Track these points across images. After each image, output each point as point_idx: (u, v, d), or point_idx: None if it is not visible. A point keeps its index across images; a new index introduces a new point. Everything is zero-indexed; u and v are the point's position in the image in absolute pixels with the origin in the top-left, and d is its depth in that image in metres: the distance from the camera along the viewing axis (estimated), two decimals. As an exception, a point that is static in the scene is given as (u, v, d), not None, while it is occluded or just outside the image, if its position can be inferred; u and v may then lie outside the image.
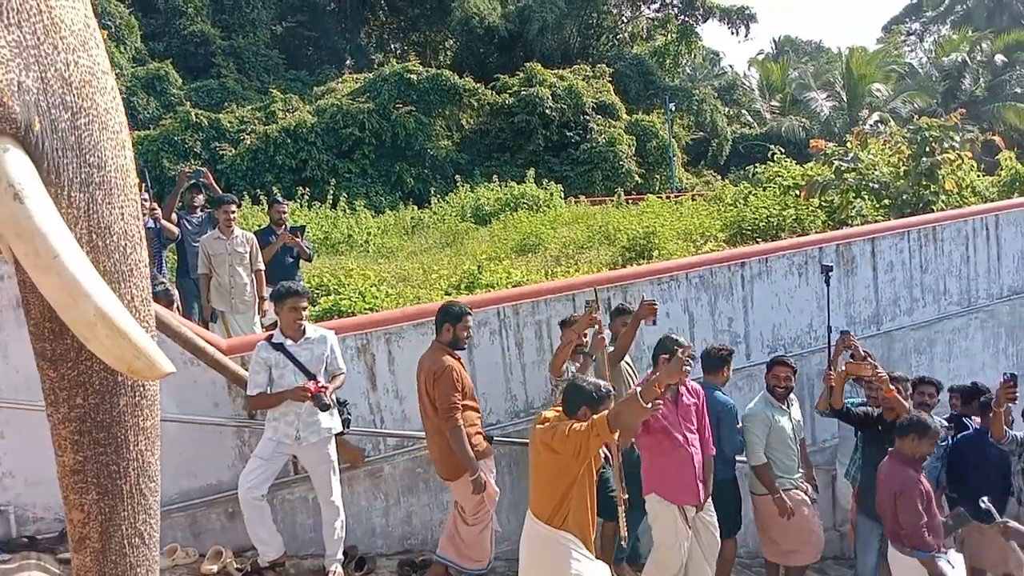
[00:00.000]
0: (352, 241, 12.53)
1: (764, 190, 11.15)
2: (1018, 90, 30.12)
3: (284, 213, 7.65)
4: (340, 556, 4.96)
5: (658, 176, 24.95)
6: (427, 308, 6.05)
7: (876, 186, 9.72)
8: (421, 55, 29.74)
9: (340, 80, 25.60)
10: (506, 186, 17.00)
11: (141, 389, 2.14)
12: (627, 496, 4.72)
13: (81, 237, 1.94)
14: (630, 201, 16.80)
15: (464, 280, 7.93)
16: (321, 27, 30.20)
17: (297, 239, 7.26)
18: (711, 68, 39.82)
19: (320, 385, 4.65)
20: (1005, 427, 5.40)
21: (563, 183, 19.18)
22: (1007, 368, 8.82)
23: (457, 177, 19.49)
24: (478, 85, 24.13)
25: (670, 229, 10.25)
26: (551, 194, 16.46)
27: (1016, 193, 10.46)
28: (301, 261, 7.61)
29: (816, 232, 8.89)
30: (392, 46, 32.97)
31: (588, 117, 23.91)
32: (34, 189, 1.77)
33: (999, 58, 30.98)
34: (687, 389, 5.06)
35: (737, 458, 5.72)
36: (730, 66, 40.94)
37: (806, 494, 5.78)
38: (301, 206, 14.94)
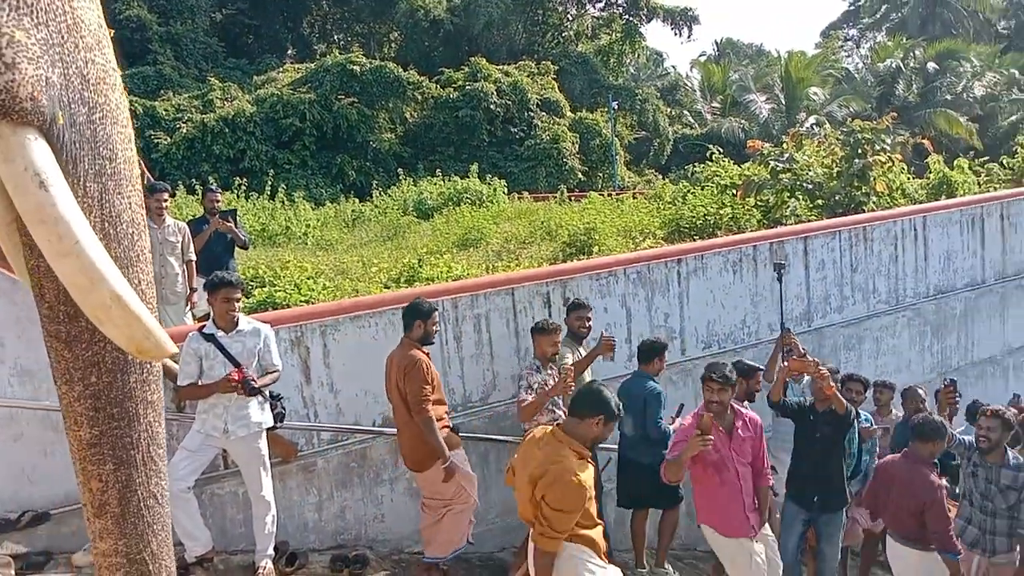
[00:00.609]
0: (290, 233, 12.33)
1: (702, 189, 11.33)
2: (948, 97, 31.19)
3: (217, 202, 7.45)
4: (271, 551, 4.88)
5: (601, 174, 25.15)
6: (364, 301, 5.98)
7: (810, 186, 9.96)
8: (365, 47, 29.44)
9: (281, 70, 25.18)
10: (449, 180, 16.93)
11: (148, 366, 2.29)
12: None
13: (95, 225, 2.06)
14: (573, 198, 16.89)
15: (404, 274, 7.87)
16: (262, 15, 29.63)
17: (230, 223, 7.07)
18: (654, 68, 40.31)
19: (243, 372, 4.54)
20: (953, 432, 5.60)
21: (507, 179, 19.18)
22: (933, 365, 9.15)
23: (400, 170, 19.35)
24: (422, 78, 23.98)
25: (610, 226, 10.33)
26: (494, 189, 16.44)
27: (943, 195, 10.82)
28: (237, 251, 7.44)
29: (751, 231, 9.06)
30: (335, 37, 32.55)
31: (532, 113, 23.97)
32: (57, 178, 1.89)
33: (931, 65, 32.03)
34: (744, 422, 4.93)
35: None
36: (673, 67, 41.54)
37: None
38: (238, 197, 14.64)
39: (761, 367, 6.39)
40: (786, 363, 5.84)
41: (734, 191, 10.34)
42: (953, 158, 11.86)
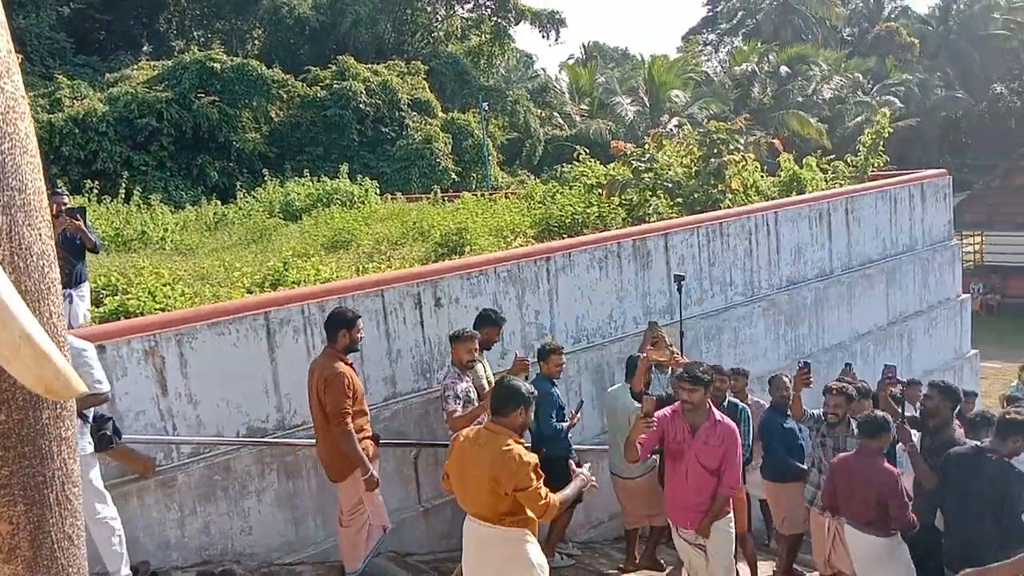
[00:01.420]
0: (146, 238, 11.69)
1: (570, 189, 11.55)
2: (800, 99, 33.13)
3: (64, 205, 6.92)
4: (127, 571, 4.62)
5: (475, 174, 25.24)
6: (224, 307, 5.76)
7: (670, 185, 10.34)
8: (227, 44, 28.36)
9: (136, 67, 23.92)
10: (318, 181, 16.53)
11: (62, 402, 2.15)
12: None
13: (3, 258, 1.98)
14: (447, 198, 16.86)
15: (268, 278, 7.62)
16: (115, 10, 28.04)
17: (78, 222, 6.58)
18: (525, 70, 40.83)
19: None
20: (804, 407, 6.30)
21: (379, 179, 18.91)
22: (787, 353, 9.67)
23: (265, 171, 18.73)
24: (288, 77, 23.34)
25: (482, 226, 10.37)
26: (366, 190, 16.17)
27: (794, 192, 11.45)
28: (87, 256, 6.97)
29: (616, 228, 9.32)
30: (194, 33, 31.24)
31: (404, 113, 23.77)
32: None
33: (784, 69, 33.93)
34: (716, 429, 5.07)
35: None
36: (543, 69, 42.31)
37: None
38: (90, 201, 13.78)
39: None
40: (644, 354, 6.16)
41: (600, 190, 10.60)
42: (805, 157, 12.57)
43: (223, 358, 5.52)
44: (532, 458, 4.02)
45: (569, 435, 6.34)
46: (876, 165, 12.62)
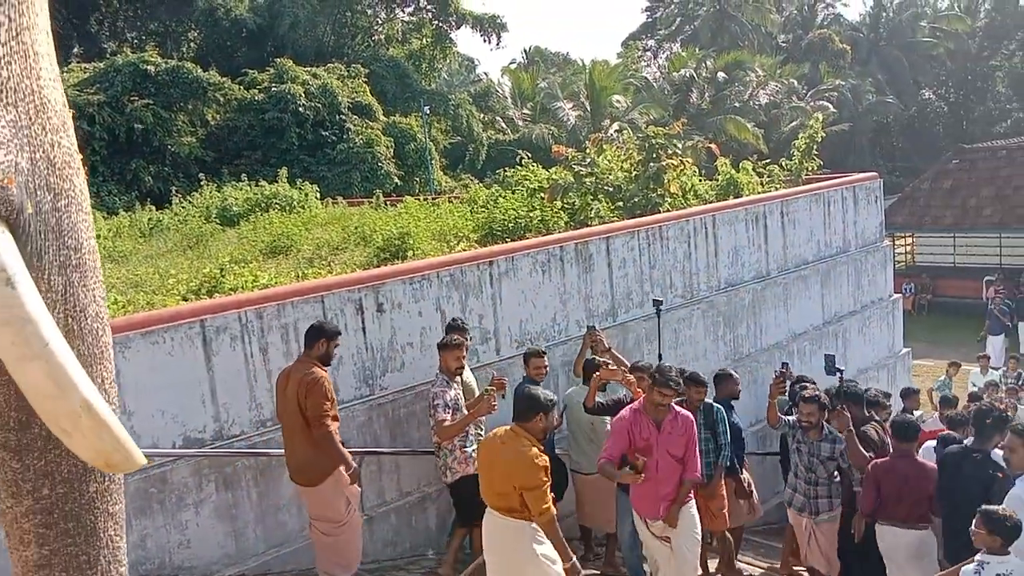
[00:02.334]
0: (79, 245, 11.34)
1: (513, 193, 11.56)
2: (737, 104, 33.70)
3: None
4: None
5: (418, 179, 25.09)
6: (158, 315, 5.62)
7: (611, 189, 10.43)
8: (161, 46, 27.70)
9: (66, 70, 23.17)
10: (257, 186, 16.24)
11: (111, 474, 2.00)
12: None
13: (59, 321, 1.86)
14: (389, 203, 16.73)
15: (204, 285, 7.46)
16: (42, 9, 27.12)
17: None
18: (467, 74, 40.83)
19: None
20: (780, 414, 6.75)
21: (320, 184, 18.67)
22: (726, 353, 9.84)
23: (202, 176, 18.33)
24: (224, 79, 22.89)
25: (425, 230, 10.32)
26: (306, 194, 15.94)
27: (731, 195, 11.66)
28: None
29: (559, 232, 9.37)
30: (128, 35, 30.43)
31: (344, 117, 23.50)
32: (23, 274, 1.70)
33: (721, 75, 34.49)
34: (677, 420, 5.50)
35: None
36: (485, 73, 42.30)
37: None
38: (17, 207, 13.30)
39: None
40: (598, 373, 6.38)
41: (543, 195, 10.64)
42: (742, 161, 12.80)
43: (158, 368, 5.39)
44: (544, 461, 4.54)
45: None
46: (810, 169, 12.93)
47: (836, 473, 6.43)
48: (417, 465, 6.79)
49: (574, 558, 4.65)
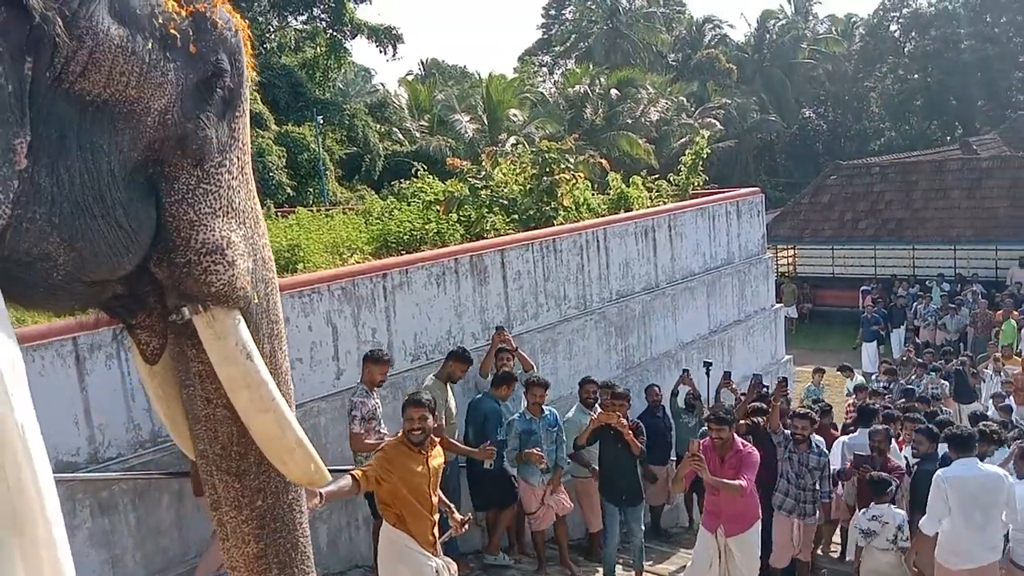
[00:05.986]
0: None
1: (408, 205, 11.49)
2: (629, 120, 34.60)
3: None
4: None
5: (311, 189, 24.63)
6: (27, 332, 5.28)
7: (506, 202, 10.52)
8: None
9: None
10: (141, 196, 15.56)
11: (299, 484, 2.63)
12: None
13: None
14: (281, 214, 16.33)
15: (81, 299, 7.08)
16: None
17: None
18: (363, 84, 40.38)
19: None
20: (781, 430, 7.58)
21: (208, 194, 18.07)
22: (618, 363, 10.06)
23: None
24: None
25: (317, 242, 10.11)
26: (193, 206, 15.37)
27: (622, 209, 11.95)
28: None
29: (454, 244, 9.37)
30: None
31: (234, 126, 22.88)
32: (255, 348, 2.27)
33: (614, 92, 35.35)
34: (736, 455, 6.37)
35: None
36: (382, 84, 41.90)
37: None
38: None
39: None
40: (596, 417, 7.22)
41: (438, 207, 10.62)
42: (633, 176, 13.11)
43: (27, 387, 5.07)
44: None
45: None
46: (696, 184, 13.39)
47: (818, 482, 7.47)
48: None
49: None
